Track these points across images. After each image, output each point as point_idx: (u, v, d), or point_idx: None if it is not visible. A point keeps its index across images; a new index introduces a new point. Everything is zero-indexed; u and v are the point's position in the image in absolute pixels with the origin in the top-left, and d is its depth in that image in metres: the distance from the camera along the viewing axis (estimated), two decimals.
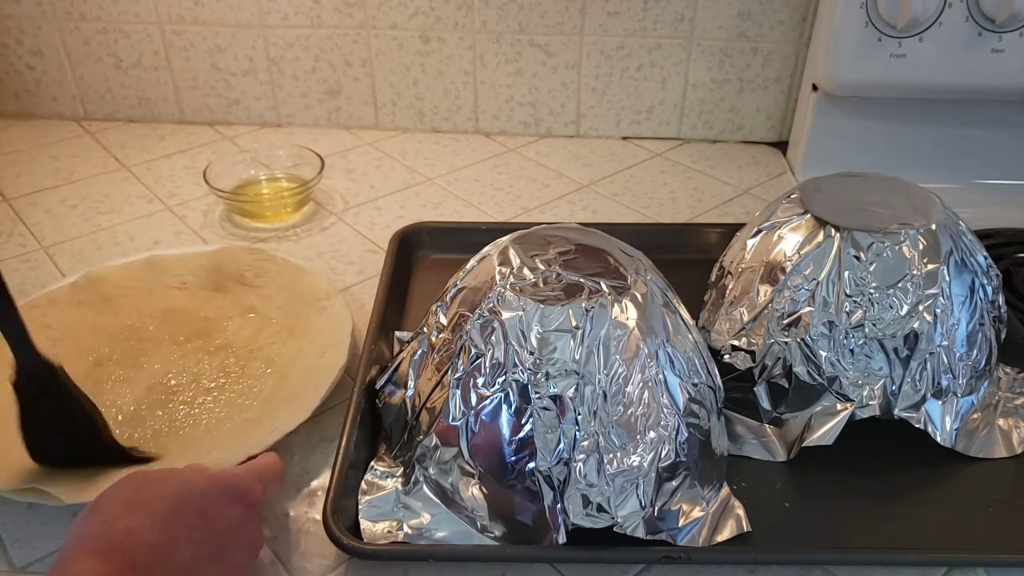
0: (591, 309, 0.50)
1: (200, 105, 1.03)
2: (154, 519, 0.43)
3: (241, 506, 0.48)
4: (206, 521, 0.45)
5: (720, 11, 0.94)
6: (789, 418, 0.59)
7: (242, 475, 0.49)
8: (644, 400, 0.50)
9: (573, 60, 0.98)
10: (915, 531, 0.54)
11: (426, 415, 0.54)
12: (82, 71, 1.01)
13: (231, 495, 0.47)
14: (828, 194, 0.63)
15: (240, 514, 0.47)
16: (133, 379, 0.63)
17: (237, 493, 0.48)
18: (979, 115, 0.90)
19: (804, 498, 0.56)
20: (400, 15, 0.96)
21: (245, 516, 0.48)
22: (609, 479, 0.49)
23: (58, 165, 0.95)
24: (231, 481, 0.48)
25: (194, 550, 0.43)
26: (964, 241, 0.60)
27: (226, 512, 0.46)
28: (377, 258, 0.78)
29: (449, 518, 0.52)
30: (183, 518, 0.44)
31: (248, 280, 0.72)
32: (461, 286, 0.56)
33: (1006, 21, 0.80)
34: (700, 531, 0.52)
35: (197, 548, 0.44)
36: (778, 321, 0.59)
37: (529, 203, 0.90)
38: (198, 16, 0.97)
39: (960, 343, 0.58)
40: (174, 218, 0.86)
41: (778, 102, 1.00)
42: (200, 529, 0.44)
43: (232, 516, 0.47)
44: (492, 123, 1.03)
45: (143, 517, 0.42)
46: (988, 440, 0.60)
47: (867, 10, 0.82)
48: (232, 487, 0.48)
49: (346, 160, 0.97)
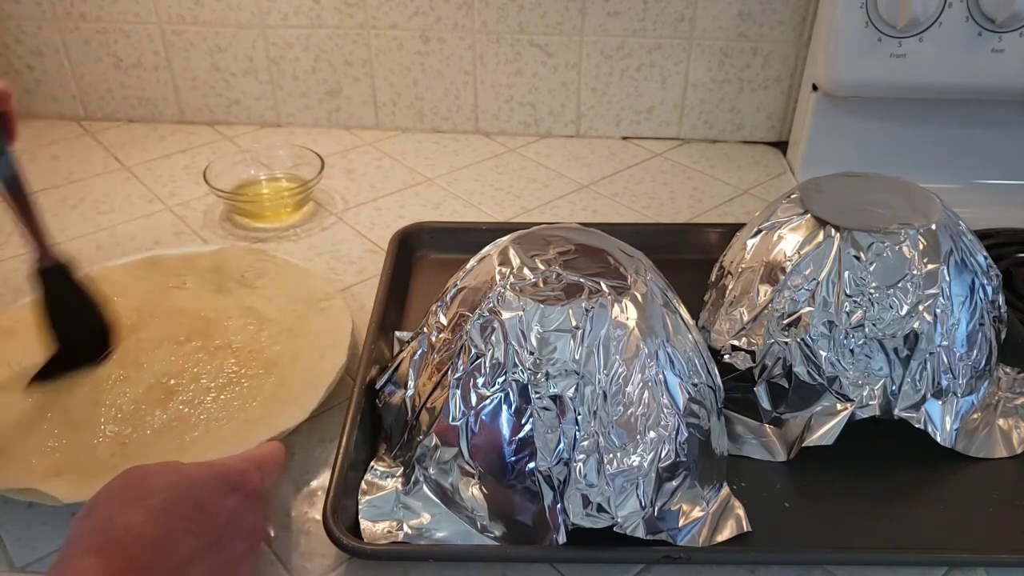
0: (591, 309, 0.50)
1: (200, 105, 1.03)
2: (151, 513, 0.43)
3: (239, 495, 0.48)
4: (204, 512, 0.45)
5: (720, 11, 0.94)
6: (789, 418, 0.59)
7: (238, 464, 0.49)
8: (644, 400, 0.50)
9: (573, 60, 0.98)
10: (915, 531, 0.54)
11: (426, 415, 0.54)
12: (82, 71, 1.01)
13: (228, 484, 0.47)
14: (828, 194, 0.63)
15: (237, 503, 0.47)
16: (133, 379, 0.63)
17: (234, 482, 0.48)
18: (979, 115, 0.90)
19: (804, 498, 0.56)
20: (400, 15, 0.96)
21: (243, 505, 0.48)
22: (609, 479, 0.49)
23: (58, 165, 0.95)
24: (227, 470, 0.48)
25: (193, 542, 0.43)
26: (964, 241, 0.60)
27: (224, 502, 0.46)
28: (377, 258, 0.78)
29: (449, 518, 0.52)
30: (180, 511, 0.44)
31: (249, 281, 0.72)
32: (461, 286, 0.56)
33: (1006, 21, 0.80)
34: (700, 531, 0.52)
35: (196, 540, 0.44)
36: (778, 321, 0.59)
37: (529, 203, 0.90)
38: (198, 16, 0.97)
39: (960, 343, 0.58)
40: (174, 218, 0.86)
41: (778, 102, 1.00)
42: (198, 521, 0.44)
43: (230, 505, 0.47)
44: (492, 123, 1.03)
45: (140, 512, 0.42)
46: (988, 440, 0.60)
47: (867, 10, 0.82)
48: (229, 476, 0.48)
49: (346, 160, 0.98)
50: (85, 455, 0.57)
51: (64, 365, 0.62)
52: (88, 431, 0.58)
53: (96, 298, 0.63)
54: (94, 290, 0.63)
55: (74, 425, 0.59)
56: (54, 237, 0.61)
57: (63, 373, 0.62)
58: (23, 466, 0.55)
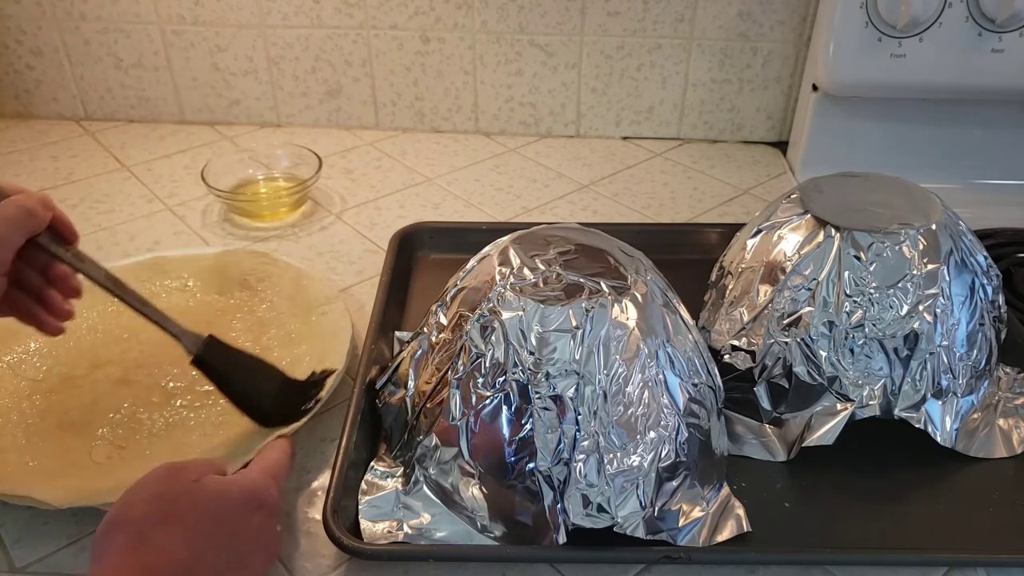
0: (591, 309, 0.50)
1: (200, 105, 1.03)
2: (185, 536, 0.43)
3: (263, 512, 0.48)
4: (233, 535, 0.46)
5: (720, 11, 0.94)
6: (789, 418, 0.59)
7: (262, 480, 0.50)
8: (644, 400, 0.50)
9: (573, 60, 0.98)
10: (915, 531, 0.54)
11: (426, 415, 0.54)
12: (82, 71, 1.01)
13: (255, 503, 0.48)
14: (828, 194, 0.63)
15: (261, 520, 0.48)
16: (132, 381, 0.63)
17: (259, 500, 0.48)
18: (979, 115, 0.90)
19: (804, 498, 0.56)
20: (400, 15, 0.96)
21: (265, 522, 0.48)
22: (609, 479, 0.49)
23: (58, 165, 0.95)
24: (255, 487, 0.49)
25: (215, 559, 0.44)
26: (964, 241, 0.60)
27: (250, 521, 0.47)
28: (377, 258, 0.78)
29: (449, 518, 0.52)
30: (211, 532, 0.44)
31: (251, 284, 0.72)
32: (461, 286, 0.56)
33: (1006, 21, 0.80)
34: (700, 531, 0.52)
35: (218, 558, 0.44)
36: (778, 321, 0.59)
37: (529, 203, 0.90)
38: (198, 16, 0.97)
39: (960, 343, 0.58)
40: (174, 218, 0.86)
41: (778, 102, 1.00)
42: (226, 542, 0.45)
43: (254, 523, 0.47)
44: (492, 123, 1.03)
45: (174, 536, 0.43)
46: (988, 440, 0.60)
47: (867, 10, 0.82)
48: (256, 495, 0.48)
49: (346, 160, 0.97)
50: (82, 458, 0.56)
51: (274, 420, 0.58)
52: (85, 434, 0.58)
53: (250, 355, 0.58)
54: (248, 351, 0.59)
55: (71, 427, 0.59)
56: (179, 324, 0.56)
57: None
58: (20, 470, 0.54)
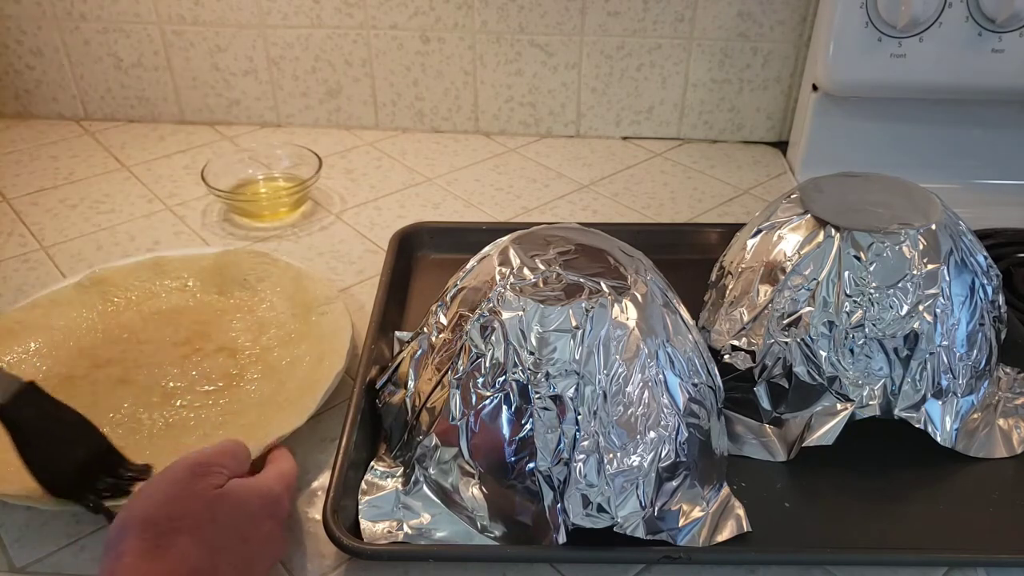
0: (591, 309, 0.50)
1: (200, 105, 1.03)
2: (204, 542, 0.43)
3: (274, 521, 0.49)
4: (244, 540, 0.46)
5: (720, 11, 0.94)
6: (789, 418, 0.59)
7: (278, 489, 0.50)
8: (644, 400, 0.50)
9: (573, 60, 0.98)
10: (915, 531, 0.54)
11: (426, 415, 0.54)
12: (82, 71, 1.01)
13: (268, 512, 0.48)
14: (828, 194, 0.63)
15: (271, 528, 0.48)
16: (132, 381, 0.63)
17: (272, 510, 0.49)
18: (979, 115, 0.90)
19: (804, 498, 0.56)
20: (400, 15, 0.96)
21: (274, 529, 0.49)
22: (609, 479, 0.49)
23: (58, 165, 0.95)
24: (271, 496, 0.49)
25: (227, 567, 0.44)
26: (964, 241, 0.60)
27: (262, 528, 0.47)
28: (377, 258, 0.78)
29: (449, 518, 0.52)
30: (228, 542, 0.45)
31: (250, 284, 0.72)
32: (461, 286, 0.56)
33: (1006, 21, 0.80)
34: (700, 531, 0.52)
35: (230, 565, 0.45)
36: (778, 321, 0.59)
37: (529, 203, 0.90)
38: (198, 16, 0.97)
39: (960, 343, 0.58)
40: (174, 218, 0.86)
41: (778, 102, 1.00)
42: (237, 547, 0.45)
43: (265, 531, 0.48)
44: (492, 123, 1.03)
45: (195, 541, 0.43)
46: (988, 440, 0.60)
47: (867, 10, 0.82)
48: (270, 503, 0.49)
49: (346, 160, 0.97)
50: None
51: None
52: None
53: (71, 410, 0.53)
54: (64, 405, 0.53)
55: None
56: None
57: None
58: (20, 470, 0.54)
